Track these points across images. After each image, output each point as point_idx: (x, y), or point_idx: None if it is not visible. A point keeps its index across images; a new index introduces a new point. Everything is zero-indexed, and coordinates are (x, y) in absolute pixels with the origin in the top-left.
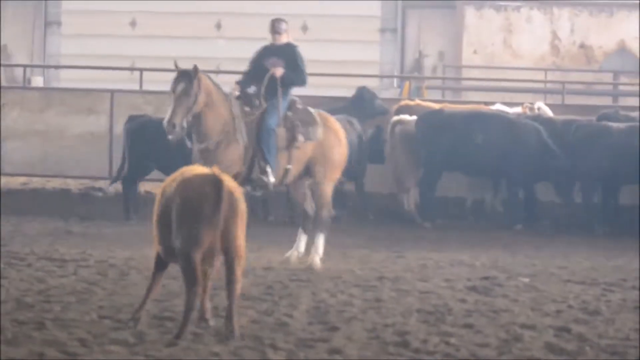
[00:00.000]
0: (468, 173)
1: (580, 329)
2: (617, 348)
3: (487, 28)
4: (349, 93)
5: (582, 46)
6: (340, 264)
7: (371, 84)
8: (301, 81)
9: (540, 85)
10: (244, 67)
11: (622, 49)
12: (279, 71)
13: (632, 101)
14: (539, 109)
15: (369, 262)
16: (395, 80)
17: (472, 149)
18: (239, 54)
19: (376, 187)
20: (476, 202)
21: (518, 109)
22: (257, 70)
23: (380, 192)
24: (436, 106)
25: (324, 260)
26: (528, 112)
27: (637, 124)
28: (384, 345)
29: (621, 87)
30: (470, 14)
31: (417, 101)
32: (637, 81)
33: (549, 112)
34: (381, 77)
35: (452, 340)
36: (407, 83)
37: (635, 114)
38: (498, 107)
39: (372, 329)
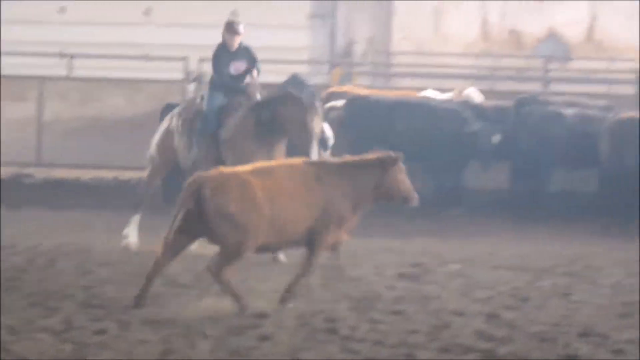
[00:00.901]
0: None
1: (510, 316)
2: (546, 334)
3: (417, 14)
4: (280, 79)
5: (512, 32)
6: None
7: (301, 70)
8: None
9: (471, 71)
10: (173, 53)
11: (552, 35)
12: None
13: (563, 87)
14: (470, 95)
15: (298, 249)
16: (325, 66)
17: (395, 134)
18: (168, 40)
19: None
20: None
21: (450, 95)
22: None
23: None
24: (366, 92)
25: None
26: (458, 98)
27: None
28: (314, 332)
29: (551, 73)
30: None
31: (347, 87)
32: (567, 67)
33: (479, 98)
34: (311, 63)
35: (382, 326)
36: (337, 69)
37: (556, 98)
38: (429, 93)
39: (302, 316)
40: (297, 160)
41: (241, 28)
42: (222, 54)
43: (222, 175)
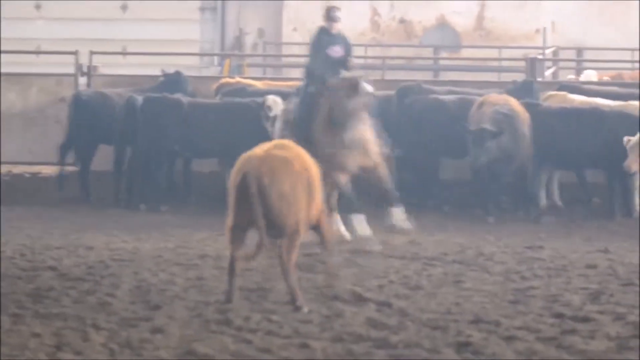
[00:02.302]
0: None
1: (401, 304)
2: (438, 322)
3: (307, 5)
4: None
5: (402, 21)
6: (162, 242)
7: (192, 62)
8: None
9: (361, 61)
10: (150, 48)
11: (442, 24)
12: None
13: (453, 75)
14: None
15: (191, 240)
16: (215, 58)
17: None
18: (144, 35)
19: (199, 167)
20: None
21: None
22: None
23: (202, 171)
24: (257, 84)
25: (144, 240)
26: None
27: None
28: (206, 324)
29: (441, 62)
30: None
31: (238, 79)
32: (457, 56)
33: (369, 88)
34: (201, 55)
35: (275, 317)
36: (227, 61)
37: (438, 88)
38: None
39: (194, 308)
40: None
41: (339, 15)
42: (323, 36)
43: (269, 155)
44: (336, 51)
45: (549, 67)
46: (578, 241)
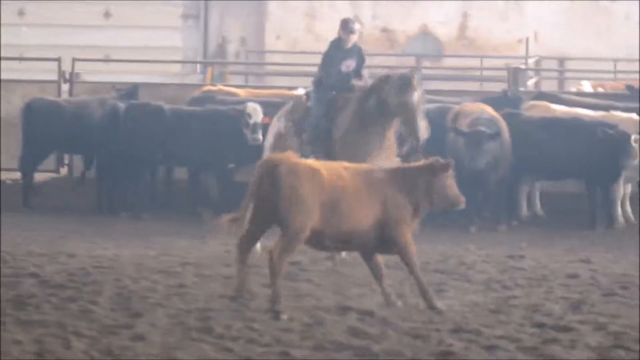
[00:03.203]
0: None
1: (383, 313)
2: (420, 331)
3: (290, 13)
4: (153, 79)
5: (384, 30)
6: (143, 250)
7: (174, 69)
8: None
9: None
10: (133, 56)
11: (424, 33)
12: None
13: (435, 84)
14: None
15: (173, 248)
16: (198, 66)
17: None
18: (127, 42)
19: (182, 174)
20: None
21: None
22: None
23: (184, 179)
24: (239, 92)
25: (126, 247)
26: None
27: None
28: (188, 331)
29: (424, 71)
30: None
31: (220, 87)
32: (440, 65)
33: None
34: (184, 62)
35: (256, 325)
36: (210, 69)
37: None
38: (300, 91)
39: (176, 315)
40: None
41: (356, 27)
42: (336, 51)
43: (295, 159)
44: (348, 66)
45: (531, 77)
46: (559, 251)
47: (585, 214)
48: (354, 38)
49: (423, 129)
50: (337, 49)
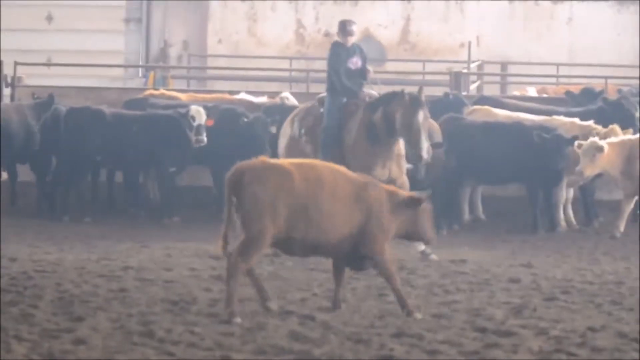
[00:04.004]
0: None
1: (324, 317)
2: (361, 336)
3: (232, 17)
4: (95, 83)
5: (327, 34)
6: (85, 254)
7: (116, 73)
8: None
9: (286, 74)
10: (75, 59)
11: (367, 37)
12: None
13: (376, 89)
14: (287, 98)
15: (114, 252)
16: (140, 70)
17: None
18: (69, 46)
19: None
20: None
21: (263, 99)
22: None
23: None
24: (181, 95)
25: (67, 251)
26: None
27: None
28: (129, 335)
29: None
30: (215, 3)
31: (162, 91)
32: (382, 69)
33: (293, 102)
34: (126, 67)
35: (197, 329)
36: (152, 73)
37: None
38: (242, 96)
39: (117, 319)
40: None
41: (354, 29)
42: (340, 50)
43: (263, 164)
44: (355, 62)
45: (473, 82)
46: (501, 255)
47: (527, 218)
48: (352, 39)
49: (426, 149)
50: (341, 48)
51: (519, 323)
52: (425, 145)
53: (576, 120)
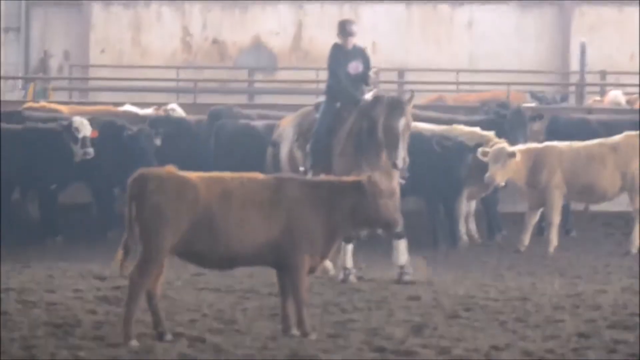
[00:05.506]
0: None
1: (215, 339)
2: (254, 358)
3: (115, 26)
4: None
5: (215, 42)
6: None
7: None
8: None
9: (172, 84)
10: None
11: (257, 44)
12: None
13: (269, 98)
14: (173, 110)
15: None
16: (19, 81)
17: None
18: None
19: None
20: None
21: (149, 110)
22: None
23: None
24: (63, 108)
25: None
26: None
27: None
28: None
29: (257, 84)
30: (97, 11)
31: (43, 103)
32: (273, 78)
33: (180, 113)
34: (4, 78)
35: (82, 353)
36: (32, 84)
37: (250, 111)
38: (127, 108)
39: None
40: (263, 176)
41: (354, 28)
42: (339, 53)
43: (169, 174)
44: (355, 67)
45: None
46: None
47: (428, 232)
48: (353, 40)
49: (402, 157)
50: (340, 52)
51: (419, 342)
52: (401, 153)
53: (477, 129)
